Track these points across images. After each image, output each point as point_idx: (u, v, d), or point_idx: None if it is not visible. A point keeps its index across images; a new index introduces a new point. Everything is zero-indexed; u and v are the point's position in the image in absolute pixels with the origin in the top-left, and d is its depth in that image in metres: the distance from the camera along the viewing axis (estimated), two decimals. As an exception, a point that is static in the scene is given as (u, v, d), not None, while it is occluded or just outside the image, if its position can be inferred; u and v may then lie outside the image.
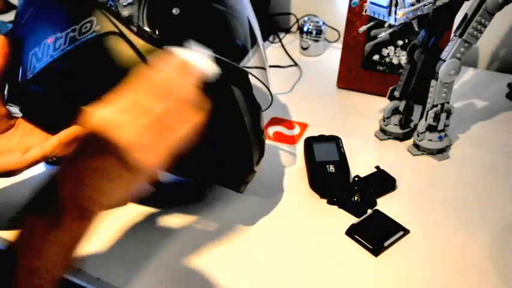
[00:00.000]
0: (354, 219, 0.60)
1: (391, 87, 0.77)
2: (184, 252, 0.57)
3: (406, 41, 0.86)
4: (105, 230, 0.59)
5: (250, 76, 0.57)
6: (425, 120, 0.70)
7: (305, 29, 1.04)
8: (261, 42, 0.60)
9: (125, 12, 0.47)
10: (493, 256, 0.56)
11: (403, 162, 0.72)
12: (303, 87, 0.94)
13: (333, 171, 0.64)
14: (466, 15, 0.64)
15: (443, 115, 0.69)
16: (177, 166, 0.60)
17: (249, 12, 0.58)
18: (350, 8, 0.88)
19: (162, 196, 0.64)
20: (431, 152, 0.72)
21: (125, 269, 0.54)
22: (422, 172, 0.70)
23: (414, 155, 0.73)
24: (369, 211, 0.61)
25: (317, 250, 0.57)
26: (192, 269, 0.55)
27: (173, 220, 0.61)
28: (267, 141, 0.61)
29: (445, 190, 0.66)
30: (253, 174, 0.58)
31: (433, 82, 0.68)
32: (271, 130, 0.79)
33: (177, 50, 0.44)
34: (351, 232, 0.58)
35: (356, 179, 0.66)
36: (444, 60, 0.65)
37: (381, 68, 0.89)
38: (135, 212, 0.62)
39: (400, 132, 0.76)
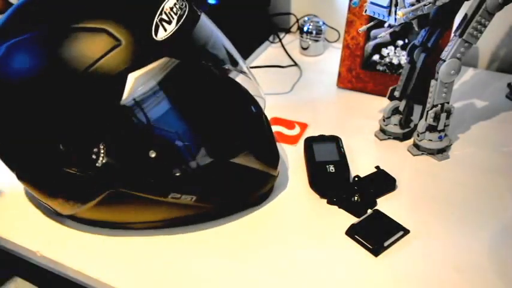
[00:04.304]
0: (354, 219, 0.60)
1: (391, 87, 0.77)
2: (181, 250, 0.57)
3: (406, 41, 0.86)
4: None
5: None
6: (425, 120, 0.70)
7: (305, 29, 1.04)
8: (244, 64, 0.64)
9: None
10: (492, 256, 0.56)
11: (403, 162, 0.72)
12: (303, 87, 0.94)
13: (333, 171, 0.64)
14: (466, 15, 0.64)
15: (443, 115, 0.69)
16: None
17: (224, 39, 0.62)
18: (350, 8, 0.88)
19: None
20: (431, 152, 0.72)
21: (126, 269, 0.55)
22: (422, 172, 0.70)
23: (414, 155, 0.73)
24: (369, 211, 0.61)
25: (317, 250, 0.57)
26: (189, 268, 0.55)
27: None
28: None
29: (445, 190, 0.66)
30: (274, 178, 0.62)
31: (433, 82, 0.68)
32: (271, 130, 0.79)
33: None
34: (351, 232, 0.58)
35: (356, 179, 0.66)
36: (444, 60, 0.65)
37: (381, 68, 0.89)
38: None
39: (400, 132, 0.76)
